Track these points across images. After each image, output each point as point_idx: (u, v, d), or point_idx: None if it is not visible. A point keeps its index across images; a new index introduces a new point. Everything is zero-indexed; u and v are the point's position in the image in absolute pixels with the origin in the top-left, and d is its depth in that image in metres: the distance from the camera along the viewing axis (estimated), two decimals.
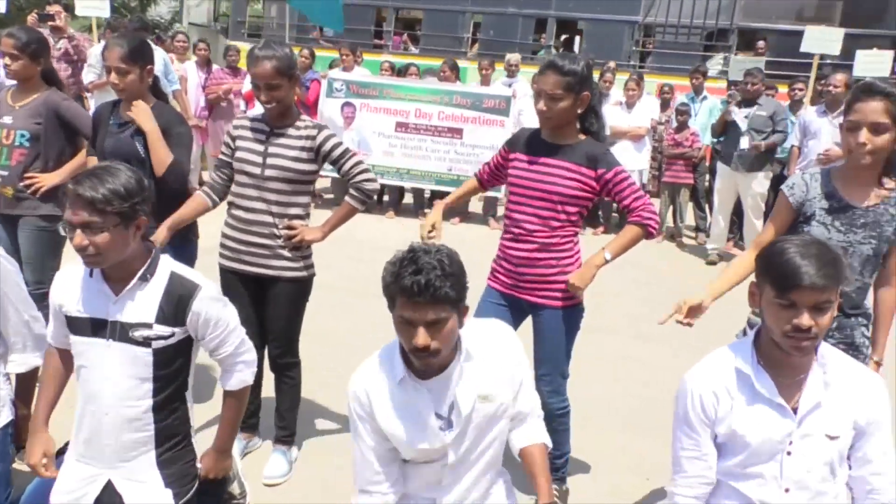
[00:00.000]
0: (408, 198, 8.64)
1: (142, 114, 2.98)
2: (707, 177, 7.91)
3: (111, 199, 1.77)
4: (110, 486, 1.99)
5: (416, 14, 13.53)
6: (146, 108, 3.00)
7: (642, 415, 3.78)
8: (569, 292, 2.78)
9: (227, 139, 2.98)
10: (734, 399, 1.68)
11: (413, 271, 1.63)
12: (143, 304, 1.92)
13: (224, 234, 3.00)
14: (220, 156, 3.02)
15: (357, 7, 12.00)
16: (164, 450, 2.01)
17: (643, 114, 7.83)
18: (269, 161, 2.85)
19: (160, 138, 2.97)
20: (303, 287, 3.02)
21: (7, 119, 3.38)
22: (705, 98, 8.24)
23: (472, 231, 7.55)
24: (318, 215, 3.10)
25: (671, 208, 7.83)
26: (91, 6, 7.46)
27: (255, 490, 2.79)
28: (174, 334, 1.95)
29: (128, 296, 1.91)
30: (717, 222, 7.04)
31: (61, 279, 2.00)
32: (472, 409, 1.80)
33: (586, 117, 2.76)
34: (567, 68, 2.59)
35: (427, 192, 8.40)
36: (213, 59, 8.58)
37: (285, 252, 2.92)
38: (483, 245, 3.03)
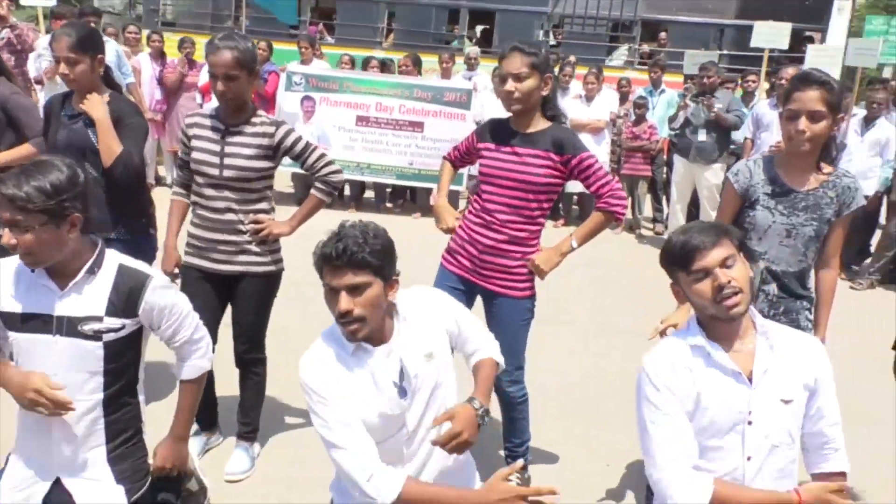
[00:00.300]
0: (369, 192, 8.61)
1: (93, 103, 2.90)
2: (665, 169, 8.06)
3: (34, 197, 1.72)
4: (59, 485, 1.94)
5: (333, 4, 13.44)
6: (99, 98, 2.92)
7: (603, 404, 3.84)
8: (528, 283, 2.81)
9: (182, 137, 2.94)
10: (693, 372, 1.73)
11: (335, 240, 1.72)
12: (92, 298, 1.88)
13: (190, 233, 2.96)
14: (181, 154, 2.97)
15: None
16: (115, 445, 1.97)
17: (602, 107, 7.92)
18: (227, 161, 2.80)
19: (110, 128, 2.88)
20: (271, 282, 3.00)
21: None
22: (663, 91, 8.38)
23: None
24: (279, 210, 3.06)
25: (630, 200, 7.95)
26: None
27: (217, 487, 2.76)
28: (125, 326, 1.91)
29: (75, 290, 1.87)
30: (675, 213, 7.17)
31: None
32: (420, 370, 1.82)
33: (547, 104, 2.79)
34: (529, 49, 2.66)
35: (388, 187, 8.38)
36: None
37: (252, 247, 2.89)
38: (447, 238, 3.03)
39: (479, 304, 2.90)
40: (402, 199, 8.60)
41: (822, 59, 7.40)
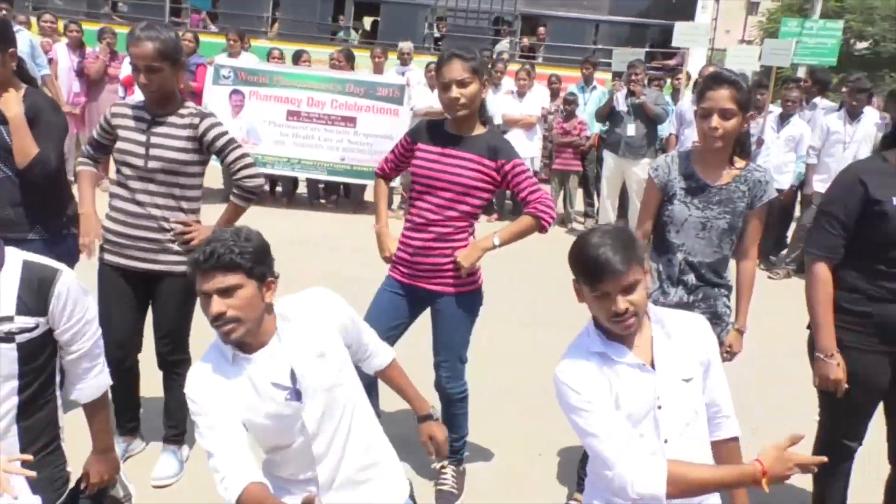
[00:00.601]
0: (301, 188, 8.48)
1: (7, 100, 2.74)
2: (596, 164, 8.23)
3: None
4: None
5: None
6: (13, 95, 2.76)
7: (539, 398, 3.89)
8: (462, 279, 2.83)
9: (103, 123, 2.81)
10: (604, 375, 1.76)
11: (204, 245, 1.73)
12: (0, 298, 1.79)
13: (106, 228, 2.83)
14: (96, 135, 2.85)
15: None
16: (31, 453, 1.88)
17: (534, 103, 8.04)
18: (153, 152, 2.71)
19: (23, 125, 2.72)
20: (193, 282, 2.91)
21: None
22: (594, 88, 8.56)
23: (370, 221, 7.51)
24: (205, 209, 2.98)
25: (561, 194, 8.10)
26: None
27: (144, 493, 2.68)
28: (38, 325, 1.84)
29: None
30: (605, 208, 7.35)
31: None
32: (309, 369, 1.81)
33: (481, 108, 2.82)
34: (468, 55, 2.69)
35: (321, 183, 8.27)
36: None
37: (174, 246, 2.80)
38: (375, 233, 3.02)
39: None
40: (335, 195, 8.52)
41: (740, 58, 7.74)
